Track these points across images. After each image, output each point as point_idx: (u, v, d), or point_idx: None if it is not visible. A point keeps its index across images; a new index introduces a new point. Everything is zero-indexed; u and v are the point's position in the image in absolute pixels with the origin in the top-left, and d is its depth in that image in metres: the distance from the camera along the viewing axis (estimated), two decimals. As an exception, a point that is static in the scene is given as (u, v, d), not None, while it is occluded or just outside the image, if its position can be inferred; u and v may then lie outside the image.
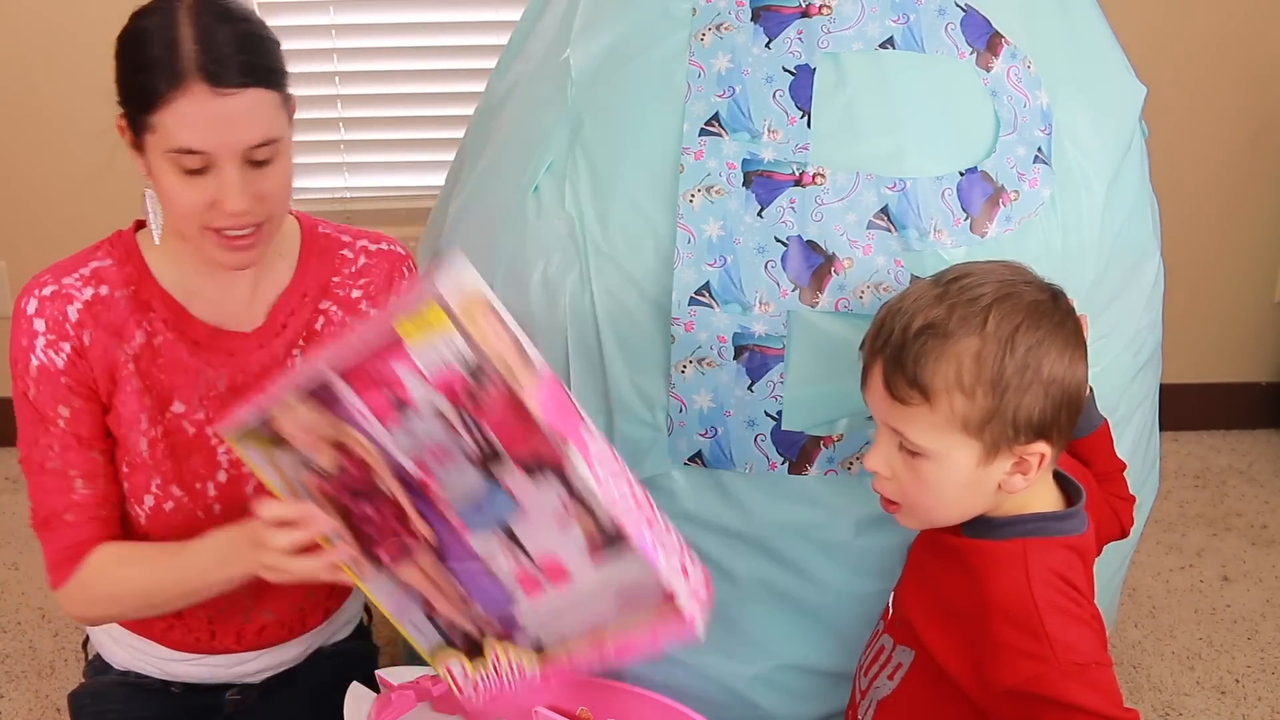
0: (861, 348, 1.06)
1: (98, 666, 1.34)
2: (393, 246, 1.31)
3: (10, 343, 1.17)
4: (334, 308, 1.25)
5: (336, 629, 1.38)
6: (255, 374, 1.21)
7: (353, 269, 1.27)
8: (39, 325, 1.14)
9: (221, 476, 1.21)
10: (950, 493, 1.02)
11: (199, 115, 1.04)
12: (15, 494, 2.32)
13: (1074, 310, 1.03)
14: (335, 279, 1.26)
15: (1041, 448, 0.99)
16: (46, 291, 1.16)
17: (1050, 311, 1.00)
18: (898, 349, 0.99)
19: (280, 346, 1.22)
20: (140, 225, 1.23)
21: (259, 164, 1.08)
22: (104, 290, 1.17)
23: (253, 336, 1.21)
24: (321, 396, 0.96)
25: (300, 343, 1.23)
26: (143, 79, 1.06)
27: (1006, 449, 0.99)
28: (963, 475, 1.00)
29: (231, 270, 1.16)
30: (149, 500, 1.19)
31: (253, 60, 1.06)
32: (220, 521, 1.20)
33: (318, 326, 1.25)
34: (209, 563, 1.13)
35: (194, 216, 1.09)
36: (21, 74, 2.20)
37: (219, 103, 1.04)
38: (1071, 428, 1.03)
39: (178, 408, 1.19)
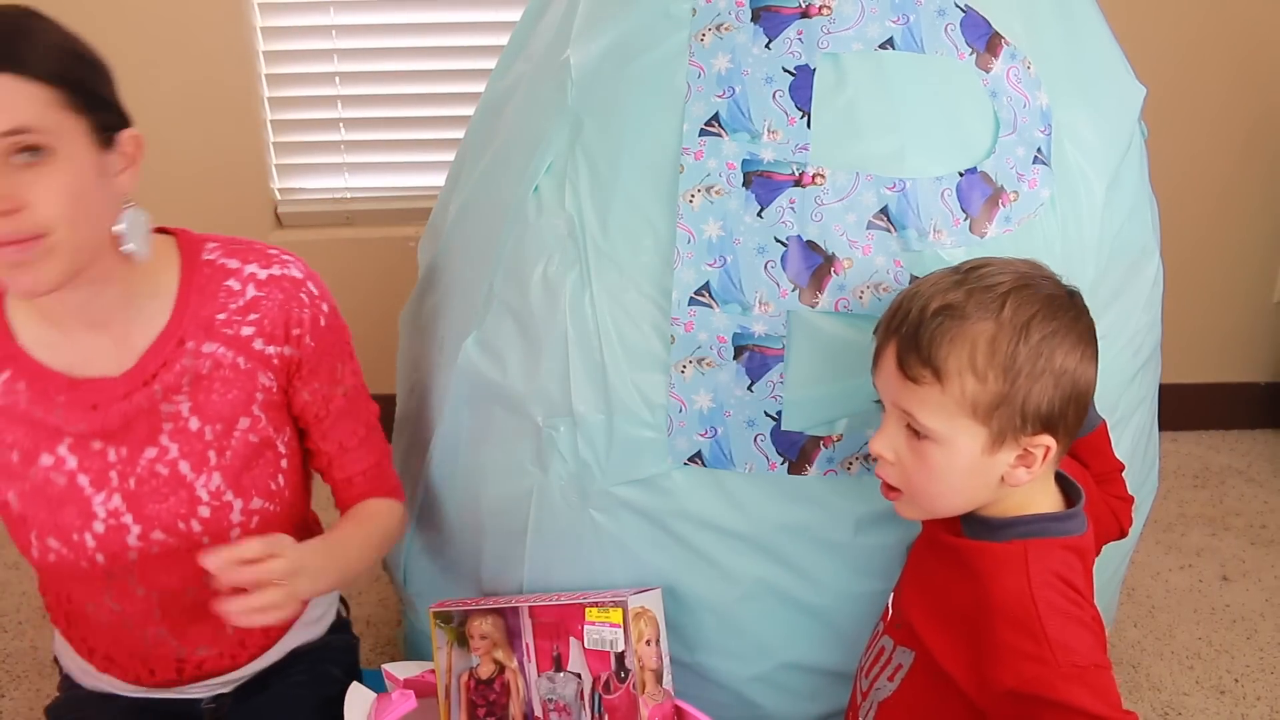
0: (876, 330, 1.07)
1: (70, 682, 1.33)
2: (286, 270, 1.19)
3: None
4: (221, 349, 1.15)
5: (308, 632, 1.34)
6: (118, 426, 1.13)
7: (239, 303, 1.16)
8: None
9: (99, 527, 1.15)
10: (953, 479, 1.02)
11: None
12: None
13: (1087, 310, 1.04)
14: (220, 316, 1.16)
15: (1047, 440, 1.00)
16: None
17: (1066, 307, 1.01)
18: (914, 328, 1.01)
19: (145, 398, 1.13)
20: None
21: (24, 164, 0.99)
22: None
23: (119, 383, 1.12)
24: (509, 619, 1.22)
25: (184, 387, 1.15)
26: None
27: (1013, 438, 1.00)
28: (967, 461, 1.01)
29: (25, 298, 1.08)
30: (34, 551, 1.16)
31: (12, 49, 0.99)
32: (105, 573, 1.17)
33: (204, 370, 1.15)
34: None
35: None
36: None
37: None
38: (1078, 427, 1.03)
39: (45, 460, 1.13)
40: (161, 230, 1.18)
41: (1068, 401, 1.00)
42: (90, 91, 1.04)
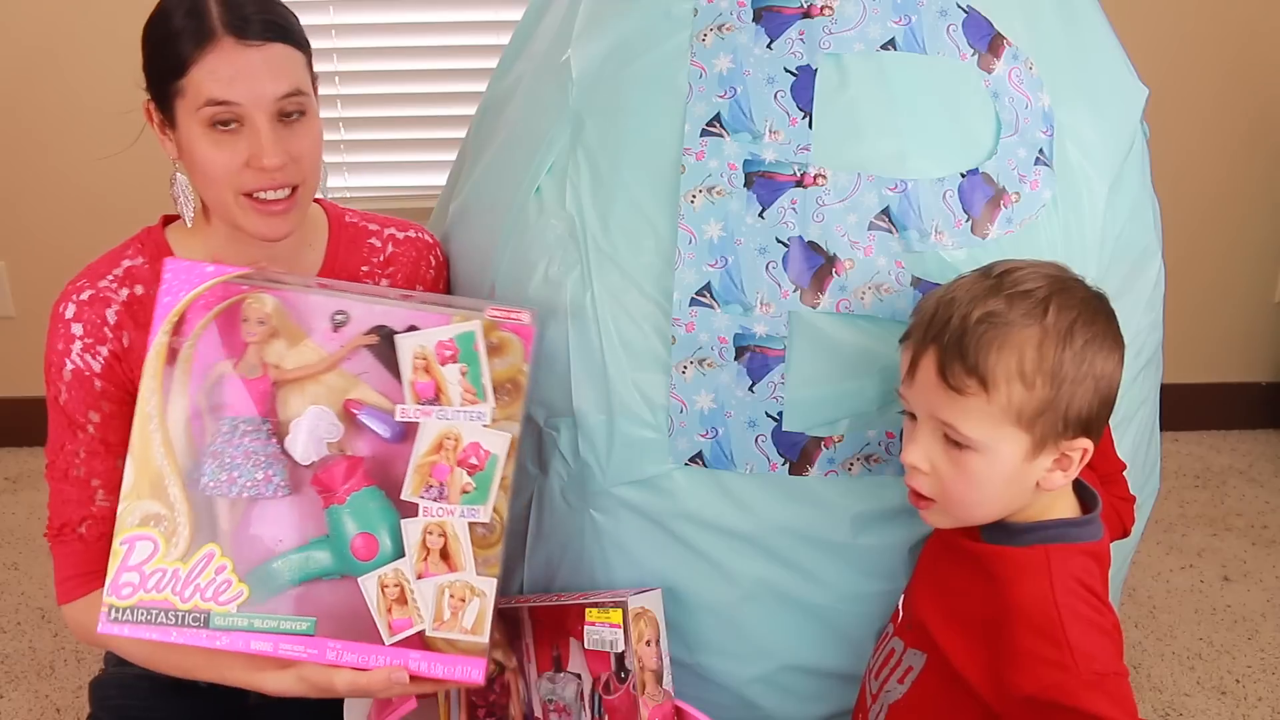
0: (904, 340, 1.06)
1: (117, 659, 1.32)
2: (420, 234, 1.34)
3: (46, 348, 1.17)
4: None
5: None
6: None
7: (380, 257, 1.30)
8: (76, 330, 1.16)
9: None
10: (992, 487, 1.01)
11: (228, 67, 1.07)
12: (15, 494, 2.32)
13: (1116, 314, 1.04)
14: (364, 268, 1.29)
15: (1084, 443, 1.00)
16: (84, 296, 1.17)
17: (1101, 310, 1.01)
18: (958, 337, 0.98)
19: None
20: (168, 221, 1.24)
21: (289, 122, 1.11)
22: (139, 290, 1.18)
23: None
24: (508, 618, 1.21)
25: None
26: (170, 49, 1.09)
27: (1053, 444, 0.99)
28: (1008, 469, 1.00)
29: (268, 241, 1.16)
30: None
31: (276, 19, 1.10)
32: None
33: None
34: (238, 671, 1.10)
35: (229, 181, 1.11)
36: (22, 74, 2.21)
37: (247, 53, 1.07)
38: (1104, 427, 1.03)
39: None
40: None
41: (1104, 405, 1.00)
42: (309, 46, 1.16)
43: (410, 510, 1.04)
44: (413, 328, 1.04)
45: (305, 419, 1.04)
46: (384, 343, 1.04)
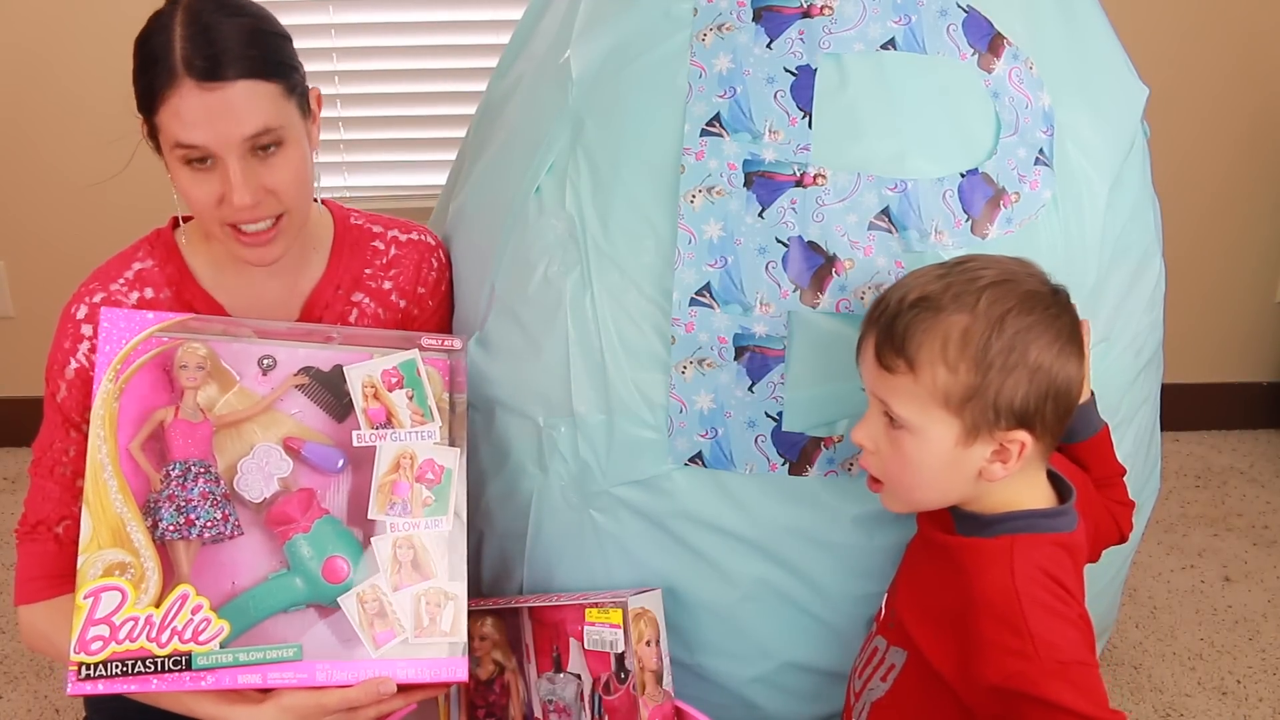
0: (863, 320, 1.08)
1: None
2: (423, 236, 1.35)
3: (52, 346, 1.18)
4: (366, 299, 1.30)
5: None
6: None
7: (383, 260, 1.31)
8: (86, 330, 1.16)
9: None
10: (928, 470, 1.03)
11: (190, 111, 1.06)
12: (15, 494, 2.32)
13: (1072, 308, 1.04)
14: (367, 271, 1.30)
15: (1022, 436, 1.00)
16: (97, 299, 1.18)
17: (1046, 303, 1.01)
18: (891, 318, 1.02)
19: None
20: (177, 223, 1.25)
21: (264, 156, 1.10)
22: (149, 293, 1.19)
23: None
24: (509, 619, 1.22)
25: (335, 334, 1.26)
26: (145, 81, 1.08)
27: (987, 432, 1.00)
28: (941, 452, 1.01)
29: (256, 266, 1.18)
30: None
31: (244, 53, 1.07)
32: None
33: (351, 319, 1.29)
34: (207, 705, 1.06)
35: (209, 213, 1.11)
36: (22, 75, 2.21)
37: (208, 96, 1.05)
38: (1060, 424, 1.03)
39: None
40: None
41: (1044, 398, 1.00)
42: (291, 67, 1.13)
43: (378, 528, 1.08)
44: (337, 368, 1.12)
45: (254, 457, 1.09)
46: (314, 383, 1.11)
